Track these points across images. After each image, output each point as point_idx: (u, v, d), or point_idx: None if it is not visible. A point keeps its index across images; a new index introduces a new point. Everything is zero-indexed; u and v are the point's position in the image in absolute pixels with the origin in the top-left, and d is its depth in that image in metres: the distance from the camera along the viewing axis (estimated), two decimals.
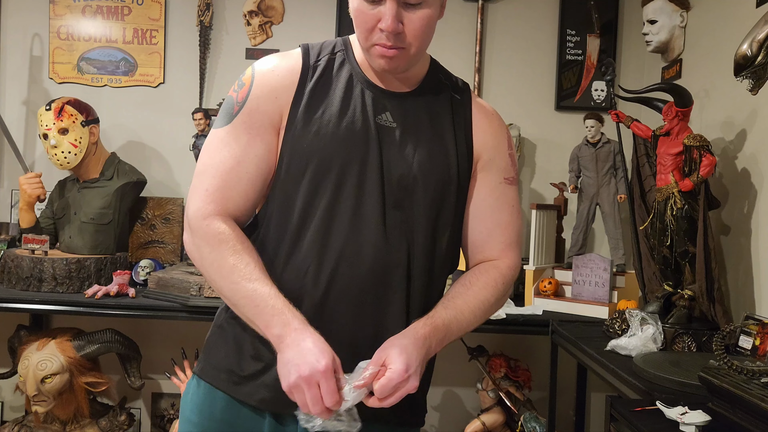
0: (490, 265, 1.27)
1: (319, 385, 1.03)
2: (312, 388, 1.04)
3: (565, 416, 2.89)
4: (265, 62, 1.23)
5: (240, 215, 1.20)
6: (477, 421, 2.70)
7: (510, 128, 3.01)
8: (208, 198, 1.17)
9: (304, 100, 1.19)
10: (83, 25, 3.12)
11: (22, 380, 2.47)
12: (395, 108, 1.23)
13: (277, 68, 1.21)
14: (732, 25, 2.24)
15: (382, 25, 1.12)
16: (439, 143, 1.24)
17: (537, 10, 3.12)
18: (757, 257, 2.06)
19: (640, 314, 1.94)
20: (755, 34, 1.50)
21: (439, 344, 1.15)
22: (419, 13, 1.14)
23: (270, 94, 1.19)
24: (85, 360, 2.53)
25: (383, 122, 1.21)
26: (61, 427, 2.59)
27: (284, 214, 1.19)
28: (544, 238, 2.73)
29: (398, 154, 1.20)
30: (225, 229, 1.15)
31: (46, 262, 2.56)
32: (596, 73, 3.06)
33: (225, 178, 1.17)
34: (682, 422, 1.29)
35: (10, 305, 2.49)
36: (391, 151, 1.20)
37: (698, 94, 2.35)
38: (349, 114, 1.19)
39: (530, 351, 2.99)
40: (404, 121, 1.22)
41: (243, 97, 1.20)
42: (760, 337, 1.77)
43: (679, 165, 2.02)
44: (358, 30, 1.17)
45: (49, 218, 2.89)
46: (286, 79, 1.20)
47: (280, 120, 1.19)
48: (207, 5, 3.08)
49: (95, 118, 2.83)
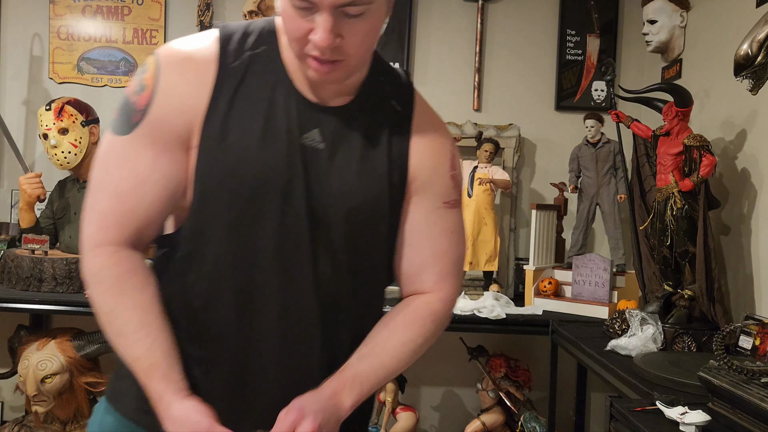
0: (419, 301, 1.12)
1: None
2: None
3: (565, 416, 2.89)
4: (171, 57, 1.00)
5: (139, 241, 1.02)
6: (477, 421, 2.70)
7: (510, 128, 3.02)
8: (102, 223, 0.99)
9: (220, 114, 0.98)
10: (83, 25, 3.12)
11: (22, 380, 2.47)
12: (326, 125, 1.03)
13: (187, 69, 0.99)
14: (732, 25, 2.24)
15: (315, 38, 0.92)
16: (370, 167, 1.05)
17: (537, 10, 3.12)
18: (757, 257, 2.06)
19: (640, 314, 1.95)
20: (755, 34, 1.50)
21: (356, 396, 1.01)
22: (361, 25, 0.94)
23: (177, 106, 0.98)
24: (85, 360, 2.53)
25: (309, 142, 1.01)
26: (61, 427, 2.59)
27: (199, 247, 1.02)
28: (544, 238, 2.73)
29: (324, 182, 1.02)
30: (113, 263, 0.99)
31: (46, 262, 2.56)
32: (596, 73, 3.06)
33: (124, 200, 0.98)
34: (682, 422, 1.29)
35: (10, 305, 2.49)
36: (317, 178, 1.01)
37: (698, 94, 2.36)
38: (272, 133, 0.99)
39: (530, 351, 2.99)
40: (334, 141, 1.03)
41: (144, 103, 0.98)
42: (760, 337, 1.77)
43: (679, 165, 2.02)
44: (288, 36, 0.97)
45: (49, 218, 2.88)
46: (198, 86, 0.98)
47: (189, 134, 0.98)
48: (207, 5, 3.08)
49: (95, 118, 2.83)
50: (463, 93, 3.09)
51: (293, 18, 0.93)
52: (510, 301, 2.60)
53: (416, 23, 3.11)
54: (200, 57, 1.00)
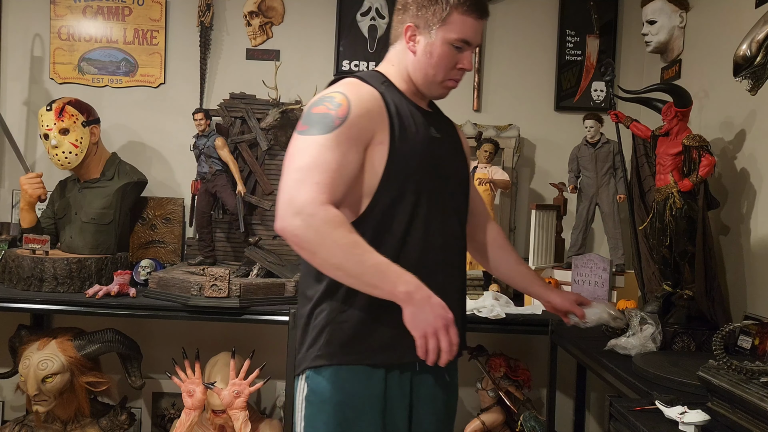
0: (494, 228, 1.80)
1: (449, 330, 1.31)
2: (446, 336, 1.30)
3: (564, 416, 2.90)
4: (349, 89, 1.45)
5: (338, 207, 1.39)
6: (477, 420, 2.70)
7: (509, 128, 3.03)
8: (320, 189, 1.32)
9: (396, 119, 1.45)
10: (84, 26, 3.13)
11: (23, 380, 2.48)
12: (434, 122, 1.56)
13: (364, 94, 1.44)
14: (731, 25, 2.25)
15: (464, 65, 1.51)
16: (458, 147, 1.65)
17: (537, 10, 3.12)
18: (756, 257, 2.07)
19: (639, 314, 1.95)
20: (754, 35, 1.51)
21: None
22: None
23: (366, 115, 1.41)
24: (86, 360, 2.53)
25: (433, 134, 1.52)
26: (61, 426, 2.59)
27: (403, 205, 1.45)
28: (544, 238, 2.73)
29: (448, 157, 1.57)
30: (339, 213, 1.33)
31: (46, 262, 2.56)
32: (596, 73, 3.07)
33: (333, 175, 1.35)
34: (682, 422, 1.29)
35: (11, 305, 2.49)
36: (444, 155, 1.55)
37: (697, 95, 2.36)
38: (420, 130, 1.49)
39: (530, 351, 3.00)
40: (440, 132, 1.56)
41: (344, 113, 1.39)
42: (759, 336, 1.78)
43: (678, 165, 2.03)
44: (440, 68, 1.49)
45: (50, 218, 2.89)
46: (375, 103, 1.44)
47: (372, 137, 1.42)
48: (207, 6, 3.08)
49: (96, 119, 2.84)
50: (463, 93, 3.10)
51: (450, 54, 1.49)
52: (509, 301, 2.60)
53: None
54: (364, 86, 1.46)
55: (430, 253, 1.48)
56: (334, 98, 1.42)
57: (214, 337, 2.97)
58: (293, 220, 1.30)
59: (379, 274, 1.31)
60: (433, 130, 1.53)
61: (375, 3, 3.09)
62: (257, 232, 2.98)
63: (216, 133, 2.82)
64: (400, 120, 1.46)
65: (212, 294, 2.39)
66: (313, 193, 1.31)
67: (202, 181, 2.83)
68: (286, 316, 2.43)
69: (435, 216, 1.49)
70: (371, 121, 1.42)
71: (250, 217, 2.99)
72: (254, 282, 2.48)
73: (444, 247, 1.51)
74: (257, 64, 3.12)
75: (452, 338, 1.31)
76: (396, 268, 1.31)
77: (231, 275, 2.43)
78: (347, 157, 1.38)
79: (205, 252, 2.83)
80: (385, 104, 1.45)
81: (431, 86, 1.52)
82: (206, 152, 2.78)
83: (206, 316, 2.46)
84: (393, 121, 1.45)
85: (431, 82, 1.51)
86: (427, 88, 1.53)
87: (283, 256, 2.88)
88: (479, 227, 1.78)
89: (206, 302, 2.39)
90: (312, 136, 1.38)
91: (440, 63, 1.48)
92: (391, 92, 1.50)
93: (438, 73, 1.50)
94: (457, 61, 1.49)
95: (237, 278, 2.52)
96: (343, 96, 1.42)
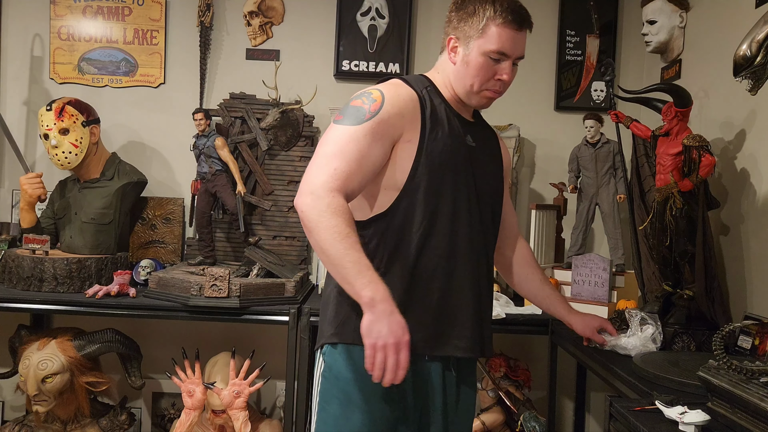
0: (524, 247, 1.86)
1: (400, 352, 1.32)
2: (394, 355, 1.31)
3: (565, 416, 2.90)
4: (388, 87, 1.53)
5: (350, 197, 1.46)
6: (477, 420, 2.70)
7: (510, 128, 3.03)
8: (335, 176, 1.41)
9: (429, 122, 1.52)
10: (84, 26, 3.13)
11: (23, 380, 2.48)
12: (472, 131, 1.63)
13: (401, 94, 1.52)
14: (731, 25, 2.25)
15: (503, 76, 1.55)
16: (496, 159, 1.71)
17: (537, 10, 3.09)
18: (756, 257, 2.07)
19: (639, 314, 1.95)
20: (754, 35, 1.50)
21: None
22: (515, 70, 1.59)
23: (398, 113, 1.49)
24: (86, 360, 2.53)
25: (469, 142, 1.59)
26: (61, 426, 2.59)
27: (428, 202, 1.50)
28: (544, 238, 2.73)
29: (482, 167, 1.62)
30: (344, 204, 1.40)
31: (46, 262, 2.56)
32: (596, 73, 3.07)
33: (351, 165, 1.43)
34: (682, 422, 1.29)
35: (11, 305, 2.49)
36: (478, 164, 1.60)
37: (697, 95, 2.36)
38: (455, 135, 1.56)
39: (530, 351, 3.00)
40: (477, 142, 1.62)
41: (376, 108, 1.47)
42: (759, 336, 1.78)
43: (678, 165, 2.03)
44: (477, 78, 1.55)
45: (49, 218, 2.89)
46: (410, 103, 1.52)
47: (400, 135, 1.50)
48: (207, 6, 3.08)
49: (96, 119, 2.84)
50: None
51: (486, 66, 1.54)
52: (510, 301, 2.61)
53: (416, 23, 3.11)
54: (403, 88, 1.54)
55: (453, 251, 1.53)
56: (371, 94, 1.51)
57: (214, 337, 2.97)
58: (305, 197, 1.40)
59: (355, 271, 1.35)
60: (469, 138, 1.59)
61: (375, 3, 3.09)
62: (257, 232, 2.98)
63: (216, 133, 2.82)
64: (433, 122, 1.52)
65: (212, 294, 2.39)
66: (328, 177, 1.41)
67: (202, 181, 2.83)
68: (286, 316, 2.43)
69: (459, 219, 1.54)
70: (402, 119, 1.49)
71: (250, 217, 2.99)
72: (254, 282, 2.48)
73: (469, 247, 1.55)
74: (257, 64, 3.12)
75: (401, 360, 1.32)
76: (372, 274, 1.35)
77: (231, 275, 2.43)
78: (371, 150, 1.46)
79: (205, 252, 2.83)
80: (420, 106, 1.52)
81: (470, 95, 1.58)
82: (206, 152, 2.78)
83: (206, 316, 2.46)
84: (426, 122, 1.52)
85: (469, 92, 1.57)
86: (467, 97, 1.59)
87: (283, 256, 2.88)
88: (508, 243, 1.83)
89: (206, 302, 2.39)
90: (343, 126, 1.47)
91: (477, 73, 1.54)
92: (433, 97, 1.57)
93: (476, 83, 1.56)
94: (495, 72, 1.55)
95: (237, 278, 2.52)
96: (380, 93, 1.51)
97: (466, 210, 1.55)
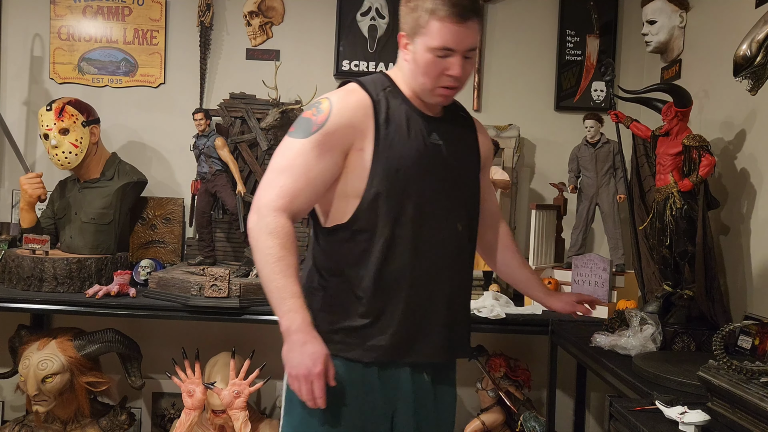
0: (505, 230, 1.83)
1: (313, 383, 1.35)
2: (306, 385, 1.35)
3: (564, 416, 2.90)
4: (339, 96, 1.48)
5: (299, 214, 1.46)
6: (477, 420, 2.70)
7: (509, 128, 3.03)
8: (280, 194, 1.41)
9: (383, 127, 1.46)
10: (84, 26, 3.13)
11: (23, 380, 2.48)
12: (438, 129, 1.54)
13: (351, 102, 1.47)
14: (731, 25, 2.25)
15: (452, 72, 1.45)
16: (468, 152, 1.62)
17: (537, 10, 3.12)
18: (756, 257, 2.07)
19: (639, 314, 1.95)
20: (754, 35, 1.50)
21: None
22: (469, 63, 1.48)
23: (347, 123, 1.44)
24: (86, 360, 2.53)
25: (435, 141, 1.52)
26: (61, 426, 2.59)
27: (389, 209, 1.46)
28: (544, 238, 2.73)
29: (452, 163, 1.54)
30: (284, 224, 1.40)
31: (46, 262, 2.56)
32: (596, 73, 3.07)
33: (299, 181, 1.42)
34: (682, 422, 1.29)
35: (11, 305, 2.49)
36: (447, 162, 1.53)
37: (697, 95, 2.36)
38: (416, 137, 1.49)
39: (530, 351, 2.99)
40: (445, 138, 1.55)
41: (323, 120, 1.44)
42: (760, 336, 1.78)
43: (678, 165, 2.03)
44: (426, 76, 1.46)
45: (49, 218, 2.89)
46: (359, 111, 1.46)
47: (351, 144, 1.45)
48: (207, 6, 3.08)
49: (96, 119, 2.84)
50: (463, 93, 3.03)
51: (435, 62, 1.44)
52: (509, 301, 2.61)
53: None
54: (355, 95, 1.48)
55: (419, 257, 1.49)
56: (321, 104, 1.48)
57: (214, 337, 2.97)
58: (251, 215, 1.44)
59: (278, 297, 1.38)
60: (435, 135, 1.52)
61: (375, 3, 3.09)
62: None
63: (216, 133, 2.82)
64: (388, 128, 1.47)
65: (212, 294, 2.39)
66: (274, 196, 1.42)
67: (202, 181, 2.83)
68: None
69: (427, 220, 1.49)
70: (351, 128, 1.45)
71: None
72: (254, 282, 2.48)
73: (437, 251, 1.51)
74: (257, 64, 3.12)
75: (315, 390, 1.35)
76: (293, 303, 1.37)
77: (231, 275, 2.43)
78: (320, 163, 1.44)
79: (205, 252, 2.83)
80: (374, 112, 1.47)
81: (424, 93, 1.51)
82: (206, 152, 2.78)
83: (206, 316, 2.46)
84: (379, 129, 1.46)
85: (422, 90, 1.50)
86: (424, 95, 1.51)
87: None
88: (490, 227, 1.79)
89: (206, 302, 2.39)
90: (294, 138, 1.47)
91: (426, 72, 1.45)
92: (392, 98, 1.50)
93: (426, 81, 1.47)
94: (444, 68, 1.45)
95: (237, 278, 2.52)
96: (329, 103, 1.47)
97: (433, 213, 1.50)
